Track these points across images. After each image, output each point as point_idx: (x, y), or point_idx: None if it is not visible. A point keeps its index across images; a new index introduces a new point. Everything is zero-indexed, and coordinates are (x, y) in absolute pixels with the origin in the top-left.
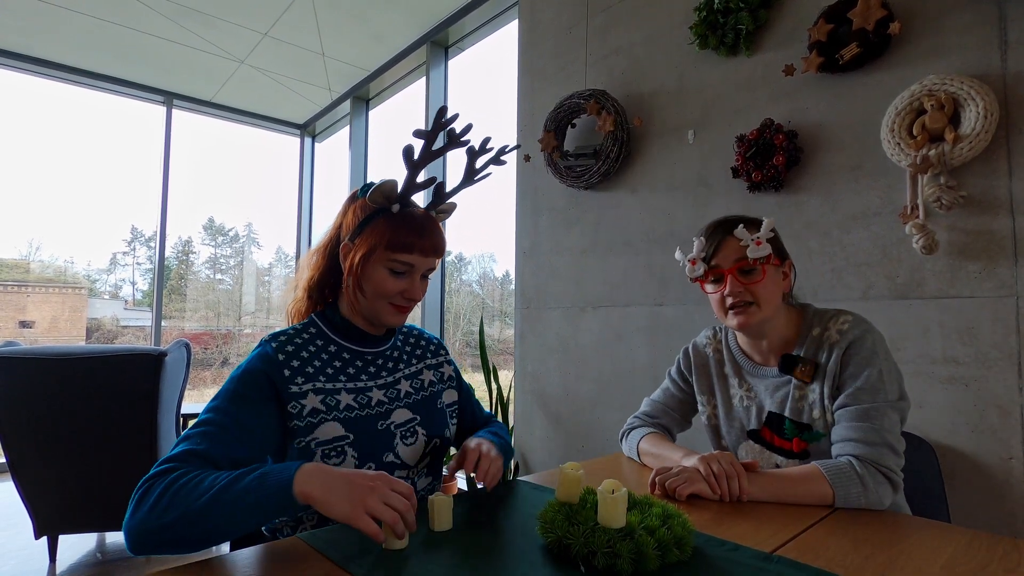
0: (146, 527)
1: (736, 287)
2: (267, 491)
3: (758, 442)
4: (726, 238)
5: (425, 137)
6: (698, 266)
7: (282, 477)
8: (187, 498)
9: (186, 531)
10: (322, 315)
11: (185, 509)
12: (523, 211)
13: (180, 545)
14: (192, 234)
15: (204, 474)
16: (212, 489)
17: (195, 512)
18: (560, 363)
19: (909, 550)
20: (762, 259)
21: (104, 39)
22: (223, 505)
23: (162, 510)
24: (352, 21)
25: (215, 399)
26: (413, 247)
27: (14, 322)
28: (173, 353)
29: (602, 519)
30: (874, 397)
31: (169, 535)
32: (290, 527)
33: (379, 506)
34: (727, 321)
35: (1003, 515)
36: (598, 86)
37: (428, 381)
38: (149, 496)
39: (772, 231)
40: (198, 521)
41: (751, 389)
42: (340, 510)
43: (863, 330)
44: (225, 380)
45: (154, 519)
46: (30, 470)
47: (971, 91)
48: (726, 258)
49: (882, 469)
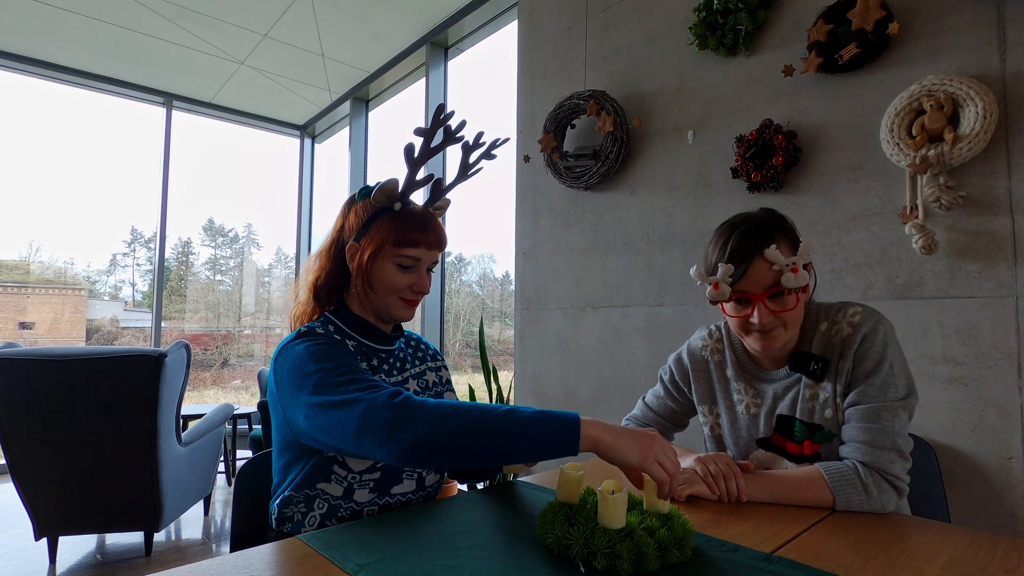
0: (431, 433)
1: (765, 316)
2: (555, 424)
3: (769, 449)
4: (755, 260)
5: (424, 135)
6: (722, 290)
7: (569, 416)
8: (465, 414)
9: (469, 440)
10: (335, 314)
11: (467, 422)
12: (523, 212)
13: (458, 454)
14: (192, 235)
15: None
16: (493, 411)
17: (479, 424)
18: (560, 364)
19: (909, 550)
20: (797, 288)
21: (104, 40)
22: (510, 424)
23: (443, 419)
24: (352, 22)
25: (324, 363)
26: (419, 242)
27: (14, 323)
28: (173, 354)
29: (602, 520)
30: (885, 394)
31: (452, 440)
32: (299, 514)
33: (663, 458)
34: (747, 341)
35: (1003, 515)
36: (598, 87)
37: (432, 382)
38: (415, 412)
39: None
40: (481, 432)
41: (758, 395)
42: (631, 453)
43: (875, 321)
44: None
45: (437, 428)
46: (30, 471)
47: (970, 91)
48: (755, 283)
49: (888, 477)
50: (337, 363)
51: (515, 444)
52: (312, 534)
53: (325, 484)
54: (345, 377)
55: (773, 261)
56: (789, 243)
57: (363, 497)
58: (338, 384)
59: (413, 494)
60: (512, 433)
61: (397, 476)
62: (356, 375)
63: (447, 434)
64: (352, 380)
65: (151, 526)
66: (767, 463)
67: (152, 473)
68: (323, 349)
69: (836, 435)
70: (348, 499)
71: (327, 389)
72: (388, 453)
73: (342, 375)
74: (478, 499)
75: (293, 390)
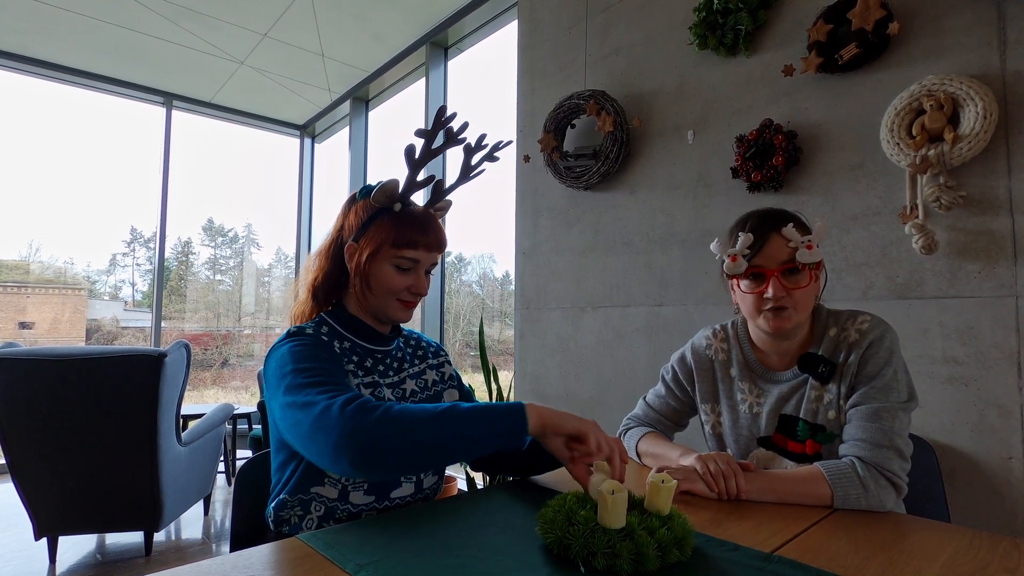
0: (378, 431)
1: (779, 290)
2: (498, 411)
3: (770, 448)
4: (772, 236)
5: (426, 136)
6: (739, 263)
7: (511, 404)
8: (414, 413)
9: (416, 438)
10: (331, 315)
11: (416, 420)
12: (523, 212)
13: (405, 452)
14: (192, 235)
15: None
16: (437, 408)
17: (426, 422)
18: (560, 363)
19: (909, 550)
20: (811, 265)
21: (104, 40)
22: (454, 419)
23: (390, 420)
24: (352, 22)
25: (300, 363)
26: (418, 243)
27: (14, 323)
28: (173, 354)
29: (602, 519)
30: (887, 396)
31: (394, 442)
32: (296, 516)
33: (604, 435)
34: (758, 322)
35: (1003, 515)
36: (598, 86)
37: (431, 381)
38: (368, 413)
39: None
40: (429, 430)
41: (762, 395)
42: (575, 423)
43: (883, 330)
44: (280, 363)
45: (381, 425)
46: (30, 471)
47: (970, 91)
48: (772, 258)
49: (885, 473)
50: (312, 364)
51: (468, 435)
52: (312, 534)
53: (319, 488)
54: (315, 379)
55: (789, 238)
56: (803, 229)
57: (360, 499)
58: (305, 385)
59: (412, 497)
60: (465, 426)
61: (395, 479)
62: (327, 377)
63: (395, 436)
64: (319, 383)
65: (151, 526)
66: (766, 462)
67: (152, 473)
68: (304, 350)
69: (838, 436)
70: (344, 501)
71: (295, 390)
72: (332, 462)
73: (312, 376)
74: (478, 499)
75: (272, 390)
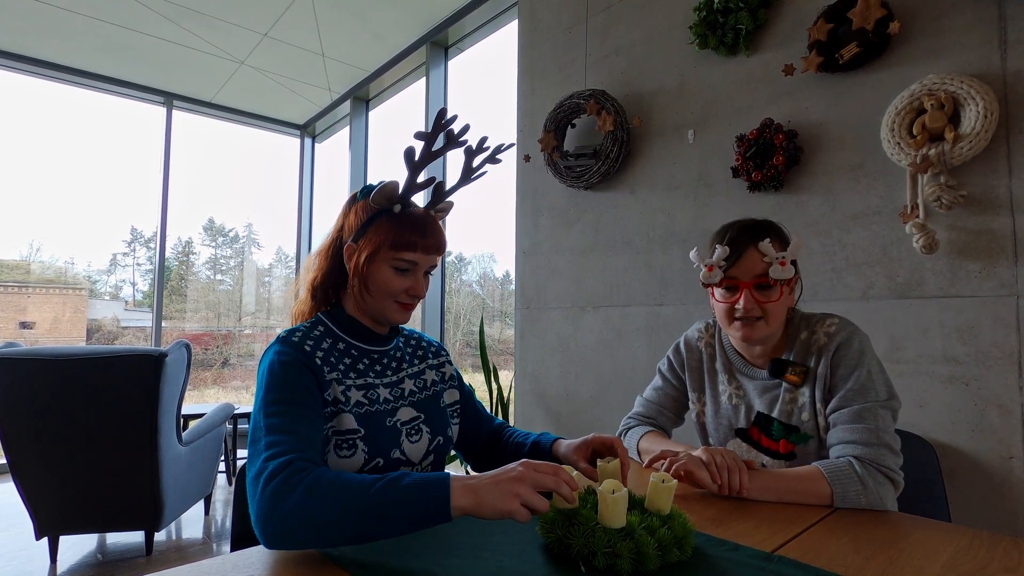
0: (297, 519)
1: (750, 303)
2: (426, 498)
3: (745, 440)
4: (749, 249)
5: (425, 139)
6: (715, 273)
7: (439, 487)
8: (340, 496)
9: (341, 525)
10: (328, 315)
11: (340, 507)
12: (523, 211)
13: (328, 538)
14: (192, 235)
15: (341, 473)
16: (366, 491)
17: (352, 511)
18: (560, 363)
19: (909, 550)
20: (783, 280)
21: (104, 40)
22: (382, 506)
23: (313, 504)
24: (352, 21)
25: (269, 394)
26: (416, 245)
27: (15, 323)
28: (173, 354)
29: (602, 519)
30: (865, 397)
31: (321, 528)
32: None
33: (528, 493)
34: (730, 331)
35: (1003, 514)
36: (598, 86)
37: (431, 381)
38: (290, 490)
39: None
40: (354, 517)
41: (740, 387)
42: (497, 503)
43: (850, 332)
44: (262, 380)
45: (304, 512)
46: (31, 471)
47: (971, 90)
48: (746, 271)
49: (882, 469)
50: (280, 395)
51: (390, 526)
52: None
53: None
54: (273, 420)
55: (765, 253)
56: (781, 244)
57: None
58: (263, 428)
59: None
60: (391, 518)
61: None
62: (283, 420)
63: (303, 531)
64: (275, 429)
65: (152, 525)
66: (742, 453)
67: (153, 473)
68: (281, 370)
69: (812, 437)
70: None
71: (257, 429)
72: (255, 530)
73: (274, 416)
74: None
75: (256, 408)
